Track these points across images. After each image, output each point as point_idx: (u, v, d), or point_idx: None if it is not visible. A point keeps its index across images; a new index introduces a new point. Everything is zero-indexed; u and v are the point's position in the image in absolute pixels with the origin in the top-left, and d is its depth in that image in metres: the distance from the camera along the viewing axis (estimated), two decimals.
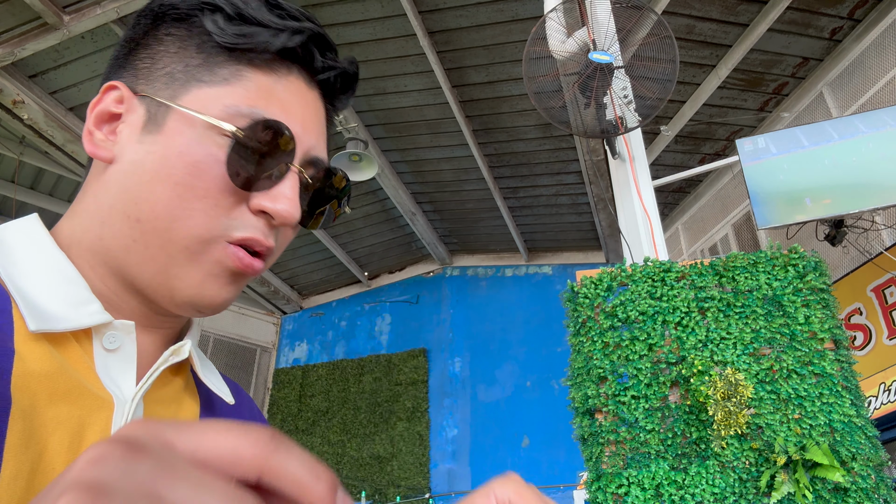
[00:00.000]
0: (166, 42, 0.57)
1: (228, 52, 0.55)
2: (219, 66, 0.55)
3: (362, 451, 8.84)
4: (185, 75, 0.55)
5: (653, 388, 2.32)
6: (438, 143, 7.16)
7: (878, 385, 4.72)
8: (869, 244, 5.06)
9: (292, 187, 0.56)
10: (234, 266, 0.54)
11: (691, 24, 5.43)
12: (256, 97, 0.55)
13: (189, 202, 0.52)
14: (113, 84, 0.57)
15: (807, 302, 2.38)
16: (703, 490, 2.15)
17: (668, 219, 7.90)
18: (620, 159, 3.58)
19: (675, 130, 6.45)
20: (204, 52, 0.56)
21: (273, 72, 0.57)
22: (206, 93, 0.54)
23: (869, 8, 5.24)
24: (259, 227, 0.55)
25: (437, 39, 5.73)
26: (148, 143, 0.54)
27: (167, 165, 0.52)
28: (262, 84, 0.56)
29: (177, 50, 0.56)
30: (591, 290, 2.53)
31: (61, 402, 0.46)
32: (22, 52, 4.89)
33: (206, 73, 0.55)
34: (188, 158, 0.52)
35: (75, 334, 0.51)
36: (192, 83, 0.55)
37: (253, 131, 0.53)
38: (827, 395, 2.23)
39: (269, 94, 0.56)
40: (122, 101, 0.57)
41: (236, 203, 0.54)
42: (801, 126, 4.23)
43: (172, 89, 0.55)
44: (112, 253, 0.54)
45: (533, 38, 3.27)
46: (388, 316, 9.99)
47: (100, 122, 0.57)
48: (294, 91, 0.58)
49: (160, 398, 0.55)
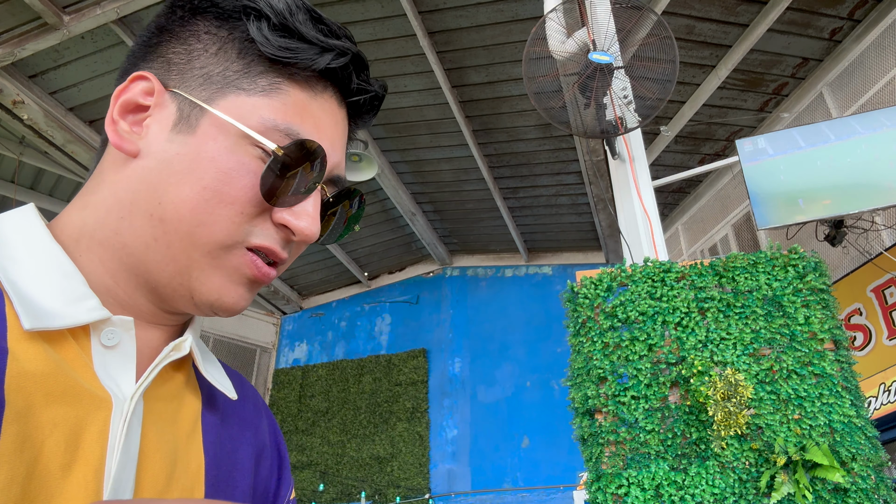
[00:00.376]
0: (205, 40, 0.56)
1: (270, 63, 0.55)
2: (259, 75, 0.55)
3: (362, 451, 8.84)
4: (224, 79, 0.55)
5: (653, 389, 2.32)
6: (438, 144, 7.16)
7: (878, 385, 4.72)
8: (869, 244, 5.06)
9: (315, 205, 0.56)
10: (252, 274, 0.55)
11: (691, 25, 5.43)
12: (293, 113, 0.55)
13: (216, 207, 0.52)
14: (142, 74, 0.56)
15: (807, 302, 2.37)
16: (702, 490, 2.15)
17: (668, 219, 7.90)
18: (620, 160, 3.58)
19: (675, 131, 6.45)
20: (245, 58, 0.55)
21: (310, 88, 0.57)
22: (244, 101, 0.54)
23: (869, 8, 5.24)
24: (277, 238, 0.55)
25: (437, 40, 5.74)
26: (178, 144, 0.53)
27: (198, 169, 0.52)
28: (299, 100, 0.56)
29: (216, 51, 0.56)
30: (591, 290, 2.53)
31: (57, 402, 0.45)
32: (22, 53, 4.89)
33: (246, 81, 0.55)
34: (220, 165, 0.52)
35: (72, 331, 0.50)
36: (230, 89, 0.54)
37: (292, 151, 0.53)
38: (827, 396, 2.23)
39: (304, 110, 0.56)
40: (151, 93, 0.55)
41: (260, 213, 0.54)
42: (801, 126, 4.23)
43: (209, 92, 0.54)
44: (129, 250, 0.53)
45: (533, 39, 3.27)
46: (387, 316, 10.00)
47: (125, 112, 0.56)
48: (327, 110, 0.58)
49: (161, 395, 0.55)
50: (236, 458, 0.61)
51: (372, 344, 9.86)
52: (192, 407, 0.58)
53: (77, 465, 0.45)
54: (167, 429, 0.53)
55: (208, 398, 0.61)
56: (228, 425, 0.62)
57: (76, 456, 0.45)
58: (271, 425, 0.72)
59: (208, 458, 0.57)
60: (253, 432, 0.67)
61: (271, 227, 0.55)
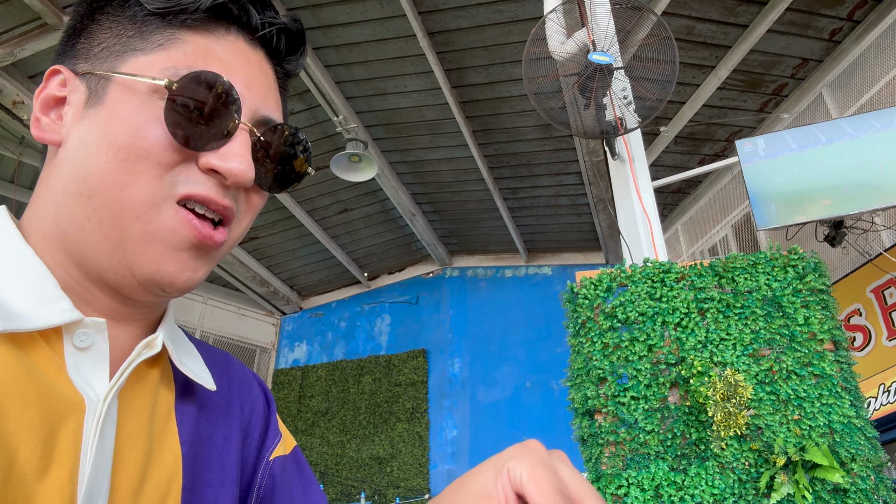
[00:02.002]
0: (100, 21, 0.56)
1: (161, 18, 0.55)
2: (153, 33, 0.54)
3: (362, 451, 8.84)
4: (121, 46, 0.54)
5: (652, 389, 2.32)
6: (438, 144, 7.16)
7: (878, 386, 4.72)
8: (868, 245, 5.06)
9: (242, 144, 0.54)
10: (191, 234, 0.53)
11: (691, 25, 5.43)
12: (194, 58, 0.54)
13: (133, 165, 0.51)
14: (55, 69, 0.57)
15: (806, 303, 2.38)
16: (702, 491, 2.15)
17: (668, 220, 7.90)
18: (620, 160, 3.58)
19: (675, 131, 6.45)
20: (137, 22, 0.55)
21: (210, 33, 0.56)
22: (142, 60, 0.53)
23: (868, 9, 5.24)
24: (210, 185, 0.53)
25: (436, 40, 5.74)
26: (90, 117, 0.53)
27: (110, 133, 0.51)
28: (200, 45, 0.55)
29: (111, 25, 0.56)
30: (591, 290, 2.53)
31: (31, 407, 0.45)
32: (22, 53, 4.89)
33: (141, 41, 0.54)
34: (130, 122, 0.51)
35: (43, 333, 0.49)
36: (128, 53, 0.54)
37: (187, 82, 0.52)
38: (826, 396, 2.23)
39: (206, 54, 0.55)
40: (65, 84, 0.56)
41: (182, 161, 0.52)
42: (801, 127, 4.23)
43: (110, 62, 0.54)
44: (68, 237, 0.53)
45: (533, 39, 3.27)
46: (387, 317, 9.99)
47: (46, 108, 0.56)
48: (234, 51, 0.57)
49: (135, 393, 0.54)
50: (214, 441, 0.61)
51: (371, 344, 9.86)
52: (167, 400, 0.58)
53: (52, 469, 0.45)
54: (142, 426, 0.53)
55: (183, 388, 0.60)
56: (208, 410, 0.62)
57: (51, 460, 0.45)
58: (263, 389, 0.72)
59: (185, 447, 0.56)
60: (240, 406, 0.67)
61: (199, 174, 0.53)
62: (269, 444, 0.68)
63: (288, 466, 0.69)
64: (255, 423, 0.68)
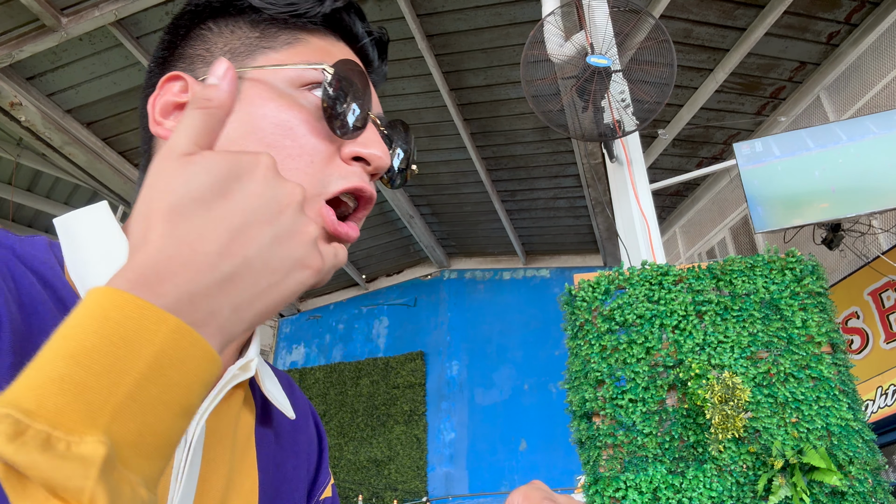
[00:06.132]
0: (216, 30, 0.58)
1: (282, 24, 0.57)
2: (277, 34, 0.57)
3: (359, 454, 8.82)
4: (248, 47, 0.56)
5: (650, 392, 2.32)
6: (436, 146, 7.16)
7: (876, 389, 4.73)
8: (866, 248, 5.07)
9: (376, 132, 0.56)
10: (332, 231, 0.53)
11: (689, 28, 5.44)
12: (321, 55, 0.56)
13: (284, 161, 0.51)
14: (174, 75, 0.56)
15: (804, 305, 2.38)
16: (700, 494, 2.15)
17: (666, 222, 7.91)
18: (618, 163, 3.58)
19: (673, 134, 6.46)
20: (258, 27, 0.57)
21: (324, 38, 0.59)
22: (274, 56, 0.55)
23: (866, 12, 5.26)
24: (358, 173, 0.54)
25: (435, 42, 5.74)
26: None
27: (256, 129, 0.51)
28: (321, 45, 0.58)
29: (231, 31, 0.57)
30: (589, 293, 2.53)
31: None
32: (20, 54, 4.88)
33: (269, 41, 0.56)
34: (274, 119, 0.52)
35: None
36: (257, 51, 0.56)
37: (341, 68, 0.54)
38: (824, 399, 2.23)
39: (328, 54, 0.57)
40: (186, 90, 0.56)
41: (330, 157, 0.53)
42: (799, 130, 4.24)
43: (238, 62, 0.55)
44: None
45: (531, 42, 3.28)
46: (385, 319, 9.99)
47: (165, 114, 0.56)
48: (347, 54, 0.60)
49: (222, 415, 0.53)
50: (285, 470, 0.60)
51: (369, 346, 9.85)
52: (247, 422, 0.57)
53: None
54: (226, 450, 0.52)
55: (262, 411, 0.59)
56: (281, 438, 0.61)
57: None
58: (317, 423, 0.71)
59: (262, 475, 0.55)
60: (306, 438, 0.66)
61: (344, 166, 0.54)
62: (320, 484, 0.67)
63: None
64: (311, 458, 0.67)
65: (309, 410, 0.71)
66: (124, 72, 5.47)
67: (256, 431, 0.57)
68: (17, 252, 0.45)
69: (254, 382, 0.59)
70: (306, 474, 0.65)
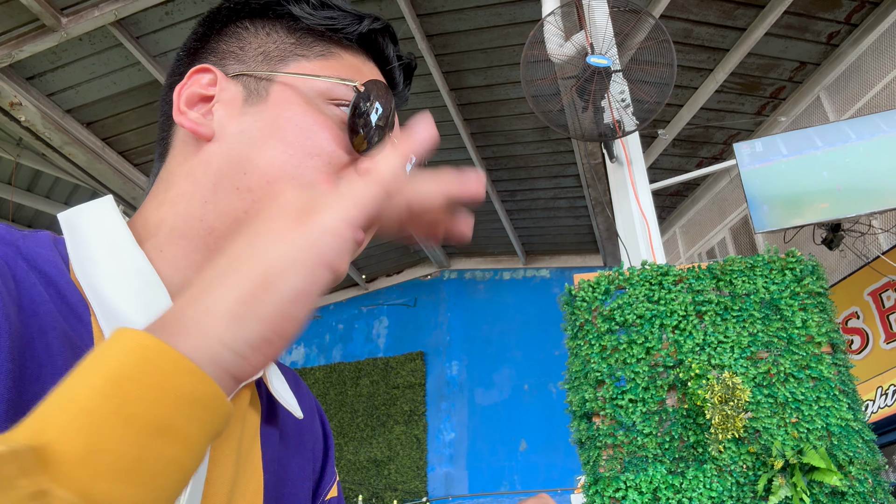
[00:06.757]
0: (252, 30, 0.58)
1: (318, 35, 0.58)
2: (312, 44, 0.58)
3: (359, 454, 8.82)
4: (282, 52, 0.57)
5: (650, 392, 2.32)
6: (436, 146, 7.15)
7: (876, 389, 4.73)
8: (866, 248, 5.07)
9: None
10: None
11: (689, 28, 5.44)
12: (352, 72, 0.57)
13: (302, 160, 0.52)
14: (203, 67, 0.57)
15: (804, 306, 2.38)
16: (700, 494, 2.15)
17: (666, 222, 7.91)
18: (618, 163, 3.58)
19: (673, 134, 6.46)
20: (295, 34, 0.58)
21: (356, 56, 0.60)
22: (306, 65, 0.56)
23: (866, 12, 5.25)
24: None
25: (435, 42, 5.74)
26: (252, 115, 0.54)
27: (279, 130, 0.53)
28: (353, 62, 0.59)
29: (267, 33, 0.58)
30: (589, 293, 2.53)
31: None
32: (20, 54, 4.88)
33: (303, 49, 0.57)
34: (299, 123, 0.53)
35: None
36: (290, 58, 0.57)
37: (371, 88, 0.55)
38: (824, 399, 2.23)
39: (359, 71, 0.58)
40: (214, 83, 0.56)
41: (345, 167, 0.54)
42: (799, 130, 4.23)
43: (270, 65, 0.56)
44: (217, 233, 0.52)
45: (531, 42, 3.28)
46: (385, 319, 9.99)
47: (191, 105, 0.56)
48: (376, 75, 0.61)
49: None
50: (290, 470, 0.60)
51: (369, 347, 9.85)
52: (253, 421, 0.56)
53: None
54: (232, 450, 0.51)
55: (268, 409, 0.59)
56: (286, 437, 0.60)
57: None
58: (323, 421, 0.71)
59: (267, 475, 0.55)
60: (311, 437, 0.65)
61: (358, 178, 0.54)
62: (326, 483, 0.67)
63: None
64: (317, 456, 0.66)
65: (315, 408, 0.70)
66: (124, 72, 5.47)
67: (262, 430, 0.57)
68: (22, 250, 0.44)
69: (260, 380, 0.58)
70: (312, 473, 0.64)
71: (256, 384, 0.58)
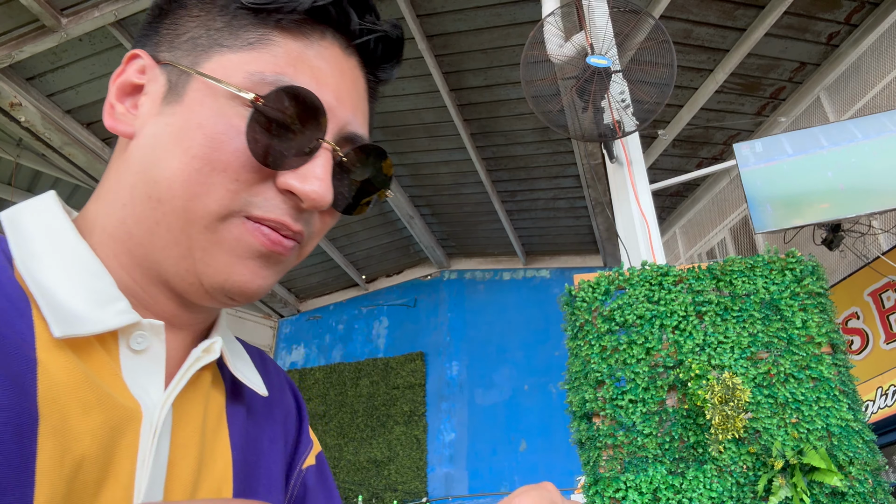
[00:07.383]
0: (189, 6, 0.52)
1: (254, 15, 0.50)
2: (243, 29, 0.50)
3: (359, 455, 8.82)
4: (208, 40, 0.50)
5: (650, 392, 2.32)
6: (436, 147, 7.16)
7: (876, 389, 4.73)
8: (866, 248, 5.07)
9: (323, 166, 0.50)
10: (259, 243, 0.49)
11: (689, 29, 5.44)
12: (284, 64, 0.50)
13: (207, 177, 0.47)
14: (135, 53, 0.53)
15: (804, 306, 2.38)
16: (700, 494, 2.15)
17: (666, 223, 7.91)
18: (618, 163, 3.58)
19: (673, 134, 6.46)
20: (227, 14, 0.51)
21: (304, 36, 0.51)
22: (229, 59, 0.49)
23: (866, 13, 5.26)
24: (285, 209, 0.50)
25: (435, 43, 5.74)
26: (167, 115, 0.49)
27: (185, 138, 0.48)
28: (291, 50, 0.50)
29: (199, 13, 0.52)
30: (589, 293, 2.53)
31: (91, 413, 0.42)
32: (20, 55, 4.88)
33: (230, 37, 0.50)
34: (208, 130, 0.48)
35: (99, 336, 0.46)
36: (214, 48, 0.50)
37: (275, 99, 0.48)
38: (824, 400, 2.23)
39: (298, 60, 0.50)
40: (144, 70, 0.52)
41: (260, 181, 0.49)
42: (799, 130, 4.23)
43: (194, 56, 0.50)
44: (136, 240, 0.50)
45: (531, 42, 3.28)
46: (385, 319, 9.99)
47: (122, 95, 0.53)
48: (328, 58, 0.52)
49: (189, 398, 0.51)
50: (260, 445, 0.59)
51: (369, 347, 9.85)
52: (217, 402, 0.55)
53: (108, 482, 0.43)
54: (195, 432, 0.51)
55: (233, 389, 0.58)
56: (254, 413, 0.60)
57: (108, 471, 0.43)
58: (295, 394, 0.70)
59: (235, 452, 0.55)
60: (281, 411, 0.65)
61: (276, 195, 0.49)
62: (301, 453, 0.66)
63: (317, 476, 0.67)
64: (290, 429, 0.66)
65: (285, 382, 0.69)
66: None
67: (227, 409, 0.56)
68: None
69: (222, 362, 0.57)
70: (284, 446, 0.63)
71: (220, 366, 0.58)
